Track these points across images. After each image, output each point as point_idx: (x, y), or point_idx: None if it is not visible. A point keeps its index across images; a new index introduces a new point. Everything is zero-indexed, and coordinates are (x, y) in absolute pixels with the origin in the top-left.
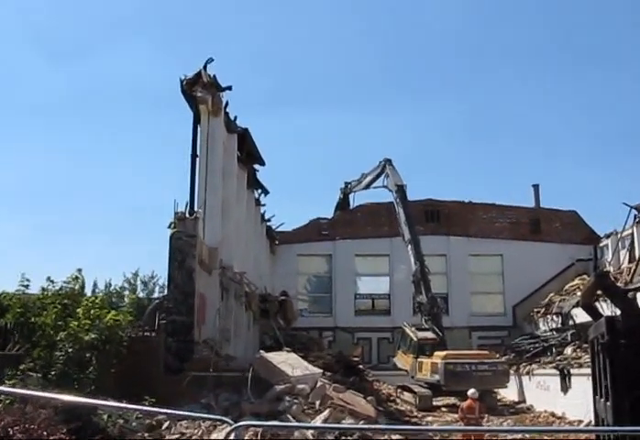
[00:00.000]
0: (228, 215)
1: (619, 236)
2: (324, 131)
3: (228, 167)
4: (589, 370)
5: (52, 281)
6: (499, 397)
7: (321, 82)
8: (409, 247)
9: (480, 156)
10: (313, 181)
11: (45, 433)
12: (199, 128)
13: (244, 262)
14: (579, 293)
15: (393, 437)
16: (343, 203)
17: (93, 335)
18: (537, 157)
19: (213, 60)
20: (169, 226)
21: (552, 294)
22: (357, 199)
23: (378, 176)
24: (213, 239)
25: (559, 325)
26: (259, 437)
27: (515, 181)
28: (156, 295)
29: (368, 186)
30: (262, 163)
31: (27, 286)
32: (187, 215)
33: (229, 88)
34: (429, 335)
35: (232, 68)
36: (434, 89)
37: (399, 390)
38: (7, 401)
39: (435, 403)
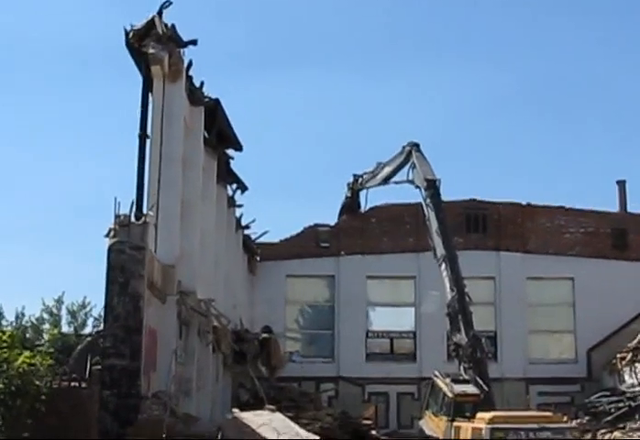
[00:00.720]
0: (190, 220)
1: None
2: (323, 104)
3: (191, 152)
4: None
5: None
6: None
7: (317, 35)
8: (443, 266)
9: (541, 141)
10: (308, 173)
11: None
12: (150, 99)
13: (212, 286)
14: None
15: None
16: (351, 205)
17: None
18: (624, 144)
19: (171, 4)
20: (107, 235)
21: None
22: (370, 199)
23: (400, 167)
24: (168, 253)
25: None
26: None
27: (593, 175)
28: (88, 330)
29: (386, 181)
30: (239, 148)
31: None
32: (133, 220)
33: (193, 43)
34: (470, 389)
35: (198, 15)
36: (475, 49)
37: None
38: None
39: None
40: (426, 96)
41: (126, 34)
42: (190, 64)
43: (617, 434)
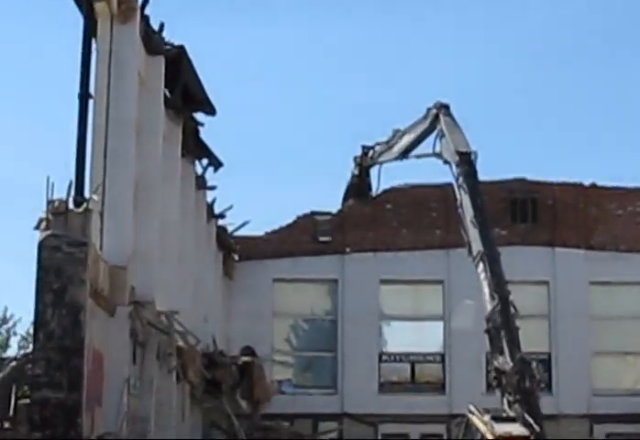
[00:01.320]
0: (147, 207)
1: None
2: (322, 55)
3: (148, 117)
4: None
5: None
6: None
7: None
8: (480, 266)
9: (611, 103)
10: (303, 145)
11: None
12: (94, 46)
13: (176, 294)
14: None
15: None
16: (359, 187)
17: None
18: None
19: None
20: (36, 227)
21: None
22: (385, 178)
23: (424, 136)
24: (118, 251)
25: None
26: None
27: None
28: (12, 353)
29: (405, 154)
30: (211, 111)
31: None
32: (71, 206)
33: None
34: (516, 429)
35: None
36: None
37: None
38: None
39: None
40: (450, 43)
41: None
42: (146, 0)
43: None
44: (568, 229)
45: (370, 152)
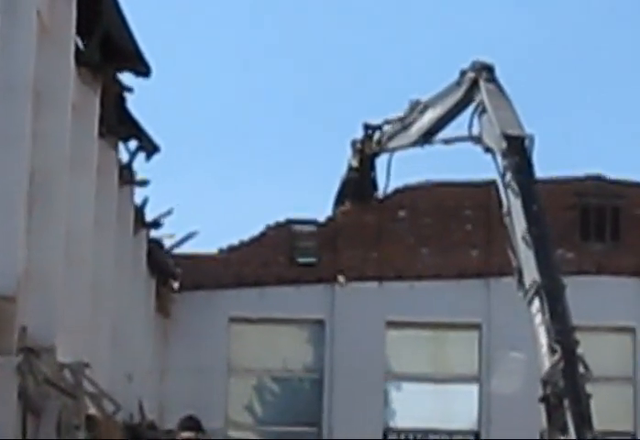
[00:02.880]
0: (47, 210)
1: None
2: None
3: (52, 79)
4: None
5: None
6: None
7: None
8: (536, 304)
9: None
10: (274, 123)
11: None
12: None
13: (86, 338)
14: None
15: None
16: (359, 183)
17: None
18: None
19: None
20: None
21: None
22: (397, 172)
23: (456, 110)
24: (3, 276)
25: None
26: None
27: None
28: None
29: (427, 137)
30: (143, 71)
31: None
32: None
33: None
34: None
35: None
36: None
37: None
38: None
39: None
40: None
41: None
42: None
43: None
44: None
45: (377, 134)
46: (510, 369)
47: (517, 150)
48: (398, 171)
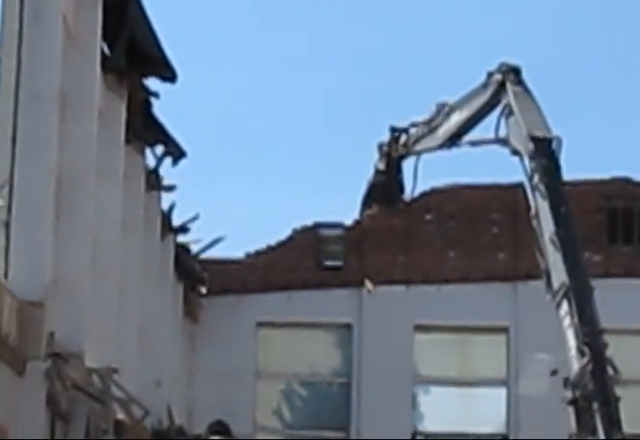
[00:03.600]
0: (75, 216)
1: None
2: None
3: (78, 85)
4: None
5: None
6: None
7: None
8: (564, 306)
9: None
10: (301, 129)
11: None
12: None
13: (115, 344)
14: None
15: None
16: (386, 186)
17: None
18: None
19: None
20: None
21: None
22: (424, 176)
23: (482, 113)
24: (32, 282)
25: None
26: None
27: None
28: None
29: (454, 140)
30: (170, 77)
31: None
32: None
33: None
34: None
35: None
36: None
37: None
38: None
39: None
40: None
41: None
42: None
43: None
44: None
45: (403, 137)
46: (537, 372)
47: (544, 152)
48: (425, 174)
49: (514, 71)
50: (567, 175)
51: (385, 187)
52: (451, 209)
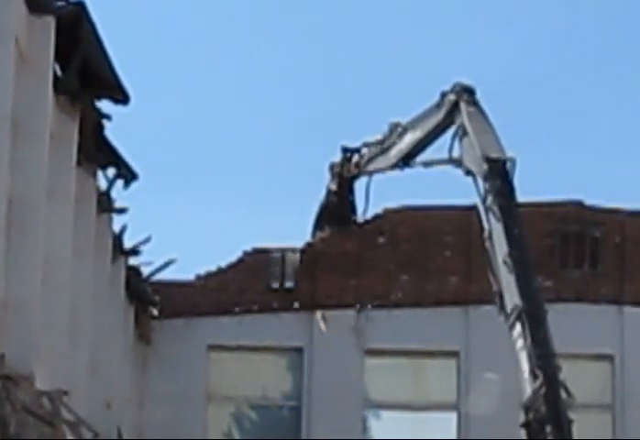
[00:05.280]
0: (26, 235)
1: None
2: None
3: (30, 107)
4: None
5: None
6: None
7: None
8: (517, 329)
9: None
10: (252, 150)
11: None
12: None
13: (64, 366)
14: None
15: None
16: (338, 207)
17: None
18: None
19: None
20: None
21: None
22: (377, 196)
23: (436, 133)
24: None
25: None
26: None
27: None
28: None
29: (407, 160)
30: (122, 99)
31: None
32: None
33: None
34: None
35: None
36: None
37: None
38: None
39: None
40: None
41: None
42: None
43: None
44: None
45: (356, 157)
46: (488, 396)
47: (498, 173)
48: (378, 195)
49: (468, 92)
50: (520, 198)
51: (337, 208)
52: (404, 232)
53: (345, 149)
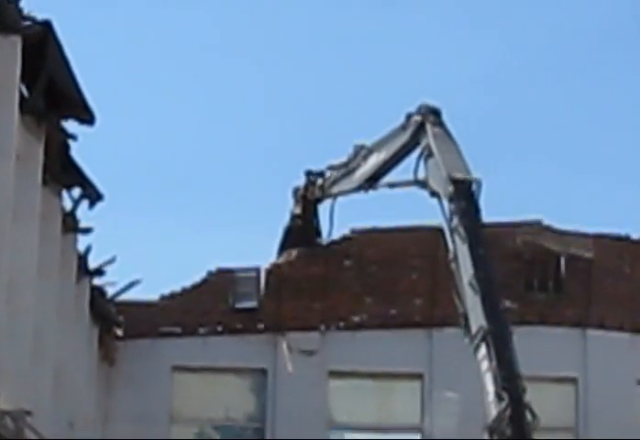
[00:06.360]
0: None
1: None
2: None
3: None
4: None
5: None
6: None
7: None
8: (482, 351)
9: None
10: (219, 171)
11: None
12: None
13: (27, 385)
14: None
15: None
16: (303, 231)
17: None
18: None
19: None
20: None
21: None
22: (341, 218)
23: (401, 154)
24: None
25: None
26: None
27: None
28: None
29: (372, 182)
30: (88, 119)
31: None
32: None
33: None
34: None
35: None
36: None
37: None
38: None
39: None
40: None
41: None
42: None
43: None
44: (607, 303)
45: (320, 180)
46: (452, 418)
47: (464, 194)
48: (344, 217)
49: (434, 113)
50: (485, 219)
51: (302, 230)
52: (371, 254)
53: (309, 173)
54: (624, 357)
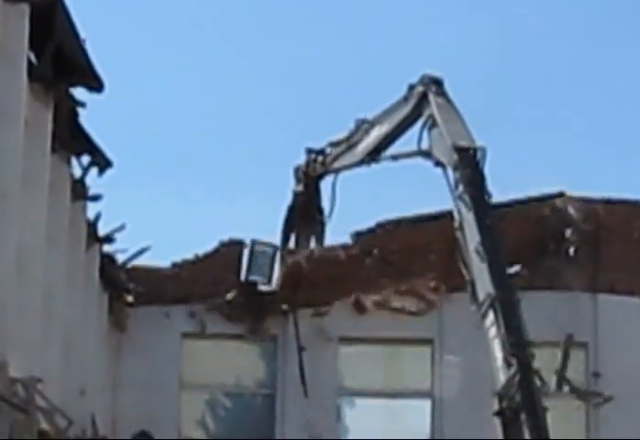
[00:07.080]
0: (1, 225)
1: None
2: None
3: (3, 94)
4: None
5: None
6: None
7: None
8: (490, 317)
9: None
10: (230, 140)
11: None
12: None
13: (38, 353)
14: None
15: None
16: (306, 204)
17: None
18: None
19: None
20: None
21: None
22: (344, 192)
23: (404, 125)
24: None
25: None
26: None
27: None
28: None
29: (374, 155)
30: (97, 86)
31: None
32: None
33: None
34: None
35: None
36: None
37: None
38: None
39: None
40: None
41: None
42: None
43: None
44: (617, 268)
45: (319, 158)
46: (462, 383)
47: (469, 162)
48: (347, 191)
49: (436, 83)
50: (497, 191)
51: (304, 208)
52: (394, 247)
53: (309, 151)
54: (636, 322)
